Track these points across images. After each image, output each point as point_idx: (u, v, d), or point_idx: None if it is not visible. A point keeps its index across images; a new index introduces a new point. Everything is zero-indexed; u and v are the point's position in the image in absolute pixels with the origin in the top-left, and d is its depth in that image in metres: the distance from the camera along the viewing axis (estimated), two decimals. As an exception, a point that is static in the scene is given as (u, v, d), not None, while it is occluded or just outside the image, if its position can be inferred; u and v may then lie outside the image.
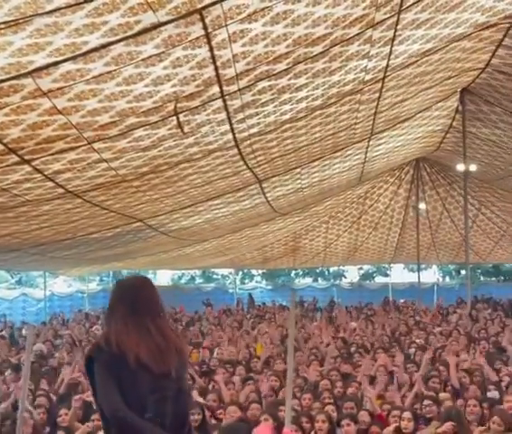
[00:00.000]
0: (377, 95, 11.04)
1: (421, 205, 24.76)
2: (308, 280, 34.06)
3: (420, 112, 14.38)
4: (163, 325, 4.09)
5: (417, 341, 13.92)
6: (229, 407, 8.22)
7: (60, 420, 8.33)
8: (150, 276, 34.81)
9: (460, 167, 18.34)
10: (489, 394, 9.24)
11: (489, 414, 7.88)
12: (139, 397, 3.88)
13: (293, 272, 34.01)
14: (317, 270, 33.37)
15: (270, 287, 32.89)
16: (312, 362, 11.52)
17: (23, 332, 18.86)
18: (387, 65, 9.81)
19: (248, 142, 10.39)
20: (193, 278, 34.51)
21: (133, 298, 4.13)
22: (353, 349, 12.95)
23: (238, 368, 11.07)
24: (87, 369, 4.12)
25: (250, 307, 25.33)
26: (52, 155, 8.17)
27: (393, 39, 8.94)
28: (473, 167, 18.51)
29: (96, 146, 8.30)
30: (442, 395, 9.00)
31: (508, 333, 14.10)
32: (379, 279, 33.47)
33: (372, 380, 10.11)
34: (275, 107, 9.27)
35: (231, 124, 9.22)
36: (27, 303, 30.35)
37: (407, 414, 7.83)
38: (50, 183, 9.21)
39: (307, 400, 8.83)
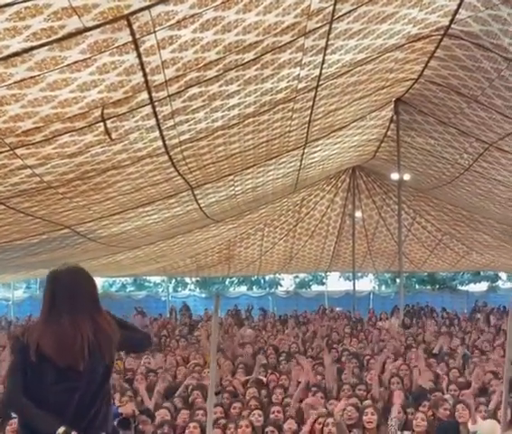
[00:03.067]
0: (311, 103, 10.98)
1: (358, 214, 24.88)
2: (243, 289, 33.84)
3: (354, 121, 14.40)
4: (80, 321, 4.08)
5: (349, 348, 13.92)
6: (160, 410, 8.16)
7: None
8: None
9: (395, 176, 18.45)
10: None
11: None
12: (42, 388, 4.02)
13: (228, 280, 33.74)
14: (253, 279, 33.19)
15: (204, 296, 32.63)
16: (238, 370, 11.40)
17: None
18: (320, 74, 9.76)
19: (179, 149, 10.21)
20: (124, 286, 33.82)
21: (54, 290, 4.18)
22: (282, 358, 12.85)
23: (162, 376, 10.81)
24: None
25: (184, 317, 25.04)
26: (-27, 161, 7.87)
27: (325, 48, 8.89)
28: (408, 176, 18.65)
29: (19, 152, 8.01)
30: (366, 402, 8.97)
31: (442, 339, 14.35)
32: (315, 288, 33.49)
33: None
34: (206, 113, 9.13)
35: (160, 130, 9.04)
36: None
37: (331, 420, 7.79)
38: (-30, 190, 8.89)
39: (236, 409, 8.71)
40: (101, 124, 7.95)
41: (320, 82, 10.16)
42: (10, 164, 8.35)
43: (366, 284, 32.87)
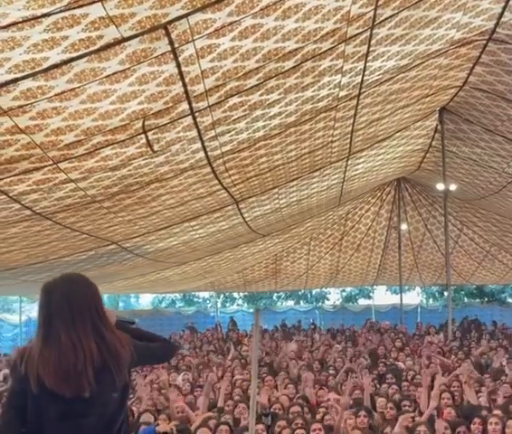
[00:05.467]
0: (353, 112, 10.88)
1: (403, 226, 24.67)
2: (291, 303, 33.79)
3: (398, 131, 14.26)
4: (82, 337, 3.43)
5: (397, 363, 13.72)
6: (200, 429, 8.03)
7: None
8: (133, 300, 34.69)
9: (441, 187, 18.22)
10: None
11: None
12: (45, 427, 3.41)
13: (275, 295, 33.73)
14: (300, 293, 33.14)
15: (251, 311, 32.61)
16: (287, 385, 11.27)
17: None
18: (362, 81, 9.66)
19: (221, 160, 10.18)
20: (173, 302, 34.13)
21: (49, 306, 3.51)
22: (331, 371, 12.71)
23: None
24: None
25: (231, 331, 25.04)
26: (17, 175, 7.90)
27: (366, 54, 8.79)
28: (454, 187, 18.40)
29: (62, 165, 8.05)
30: (417, 420, 8.77)
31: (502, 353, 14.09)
32: (362, 301, 33.27)
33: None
34: (247, 123, 9.07)
35: (202, 141, 9.01)
36: (3, 328, 29.93)
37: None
38: (16, 205, 8.93)
39: (280, 428, 8.55)
40: (143, 136, 7.95)
41: (362, 90, 10.06)
42: (54, 178, 8.38)
43: (414, 297, 32.55)
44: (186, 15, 5.95)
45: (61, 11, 5.15)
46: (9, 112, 6.38)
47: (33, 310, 31.02)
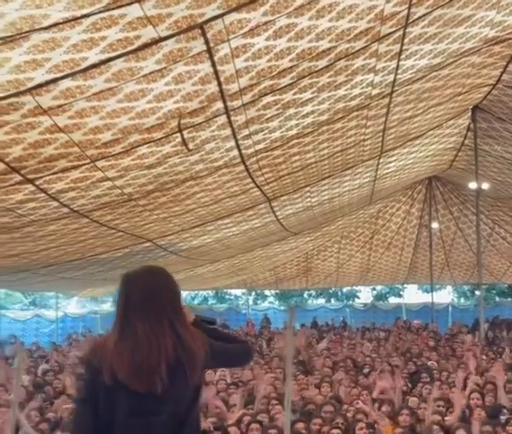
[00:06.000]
0: (385, 110, 10.90)
1: (435, 225, 24.60)
2: (321, 301, 33.87)
3: (431, 130, 14.24)
4: (158, 332, 3.30)
5: (429, 363, 13.69)
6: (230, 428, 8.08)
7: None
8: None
9: (473, 186, 18.17)
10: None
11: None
12: (116, 421, 3.27)
13: (306, 293, 33.83)
14: (330, 291, 33.19)
15: (282, 308, 32.70)
16: (322, 384, 11.30)
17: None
18: (394, 80, 9.68)
19: (254, 158, 10.27)
20: (206, 299, 34.43)
21: (127, 298, 3.40)
22: (365, 370, 12.73)
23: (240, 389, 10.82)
24: None
25: (264, 329, 25.14)
26: (55, 173, 8.07)
27: (399, 53, 8.81)
28: (486, 185, 18.33)
29: (99, 164, 8.19)
30: (449, 420, 8.75)
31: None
32: (392, 300, 33.18)
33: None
34: (280, 122, 9.15)
35: (236, 140, 9.11)
36: (40, 324, 30.41)
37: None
38: (54, 203, 9.12)
39: (317, 426, 8.59)
40: (178, 134, 8.07)
41: (395, 88, 10.08)
42: (91, 176, 8.54)
43: (445, 296, 32.39)
44: (222, 15, 6.02)
45: (100, 12, 5.26)
46: (49, 111, 6.52)
47: (68, 306, 31.60)
